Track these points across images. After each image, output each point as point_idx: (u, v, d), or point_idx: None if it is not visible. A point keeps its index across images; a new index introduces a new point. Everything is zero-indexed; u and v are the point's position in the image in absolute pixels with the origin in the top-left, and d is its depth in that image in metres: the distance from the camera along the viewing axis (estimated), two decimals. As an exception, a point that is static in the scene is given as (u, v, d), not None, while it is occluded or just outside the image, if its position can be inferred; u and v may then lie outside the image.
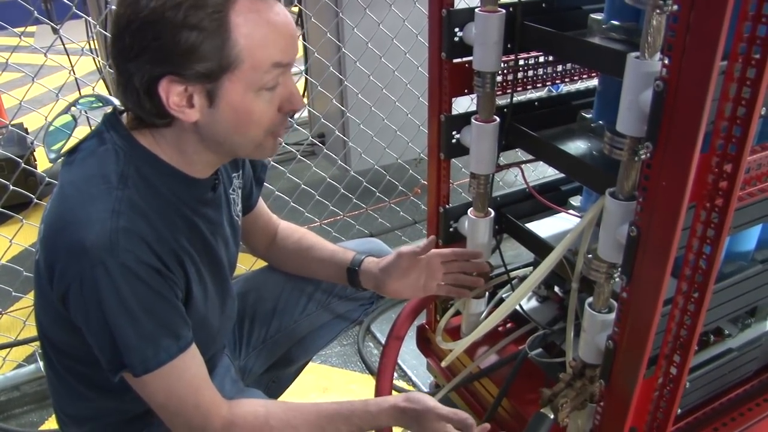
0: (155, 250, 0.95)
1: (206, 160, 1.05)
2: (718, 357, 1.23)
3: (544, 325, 1.39)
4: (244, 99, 0.96)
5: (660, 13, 0.80)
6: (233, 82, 0.94)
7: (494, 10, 1.14)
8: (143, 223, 0.95)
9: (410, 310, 1.44)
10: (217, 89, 0.94)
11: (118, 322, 0.94)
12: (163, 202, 1.00)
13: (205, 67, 0.92)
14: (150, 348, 0.96)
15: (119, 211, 0.94)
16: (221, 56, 0.92)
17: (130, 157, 0.99)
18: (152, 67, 0.92)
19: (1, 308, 2.04)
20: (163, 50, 0.90)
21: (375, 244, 1.55)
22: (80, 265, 0.92)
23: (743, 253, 1.21)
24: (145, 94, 0.94)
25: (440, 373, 1.54)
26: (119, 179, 0.96)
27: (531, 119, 1.27)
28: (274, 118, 1.01)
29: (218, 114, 0.96)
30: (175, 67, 0.91)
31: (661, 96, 0.80)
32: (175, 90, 0.93)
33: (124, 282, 0.92)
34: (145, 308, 0.95)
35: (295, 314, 1.45)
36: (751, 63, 0.76)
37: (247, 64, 0.93)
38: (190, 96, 0.94)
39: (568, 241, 1.11)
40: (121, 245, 0.92)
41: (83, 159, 1.01)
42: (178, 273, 1.01)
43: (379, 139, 2.61)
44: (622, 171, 0.93)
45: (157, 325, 0.97)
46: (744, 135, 0.80)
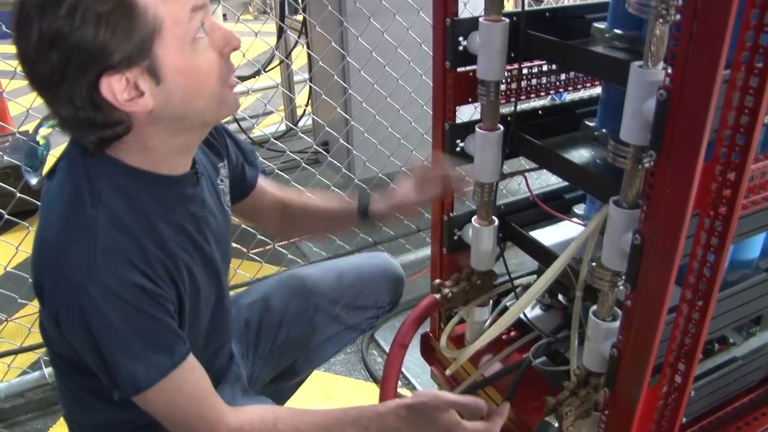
0: (138, 265, 0.94)
1: (177, 148, 1.01)
2: (722, 365, 1.23)
3: (548, 334, 1.39)
4: (184, 57, 0.92)
5: (663, 22, 0.80)
6: (166, 48, 0.90)
7: (498, 19, 1.14)
8: (123, 238, 0.94)
9: (414, 318, 1.44)
10: (155, 62, 0.90)
11: (107, 345, 0.94)
12: (143, 211, 0.98)
13: (131, 46, 0.87)
14: (140, 368, 0.96)
15: (95, 231, 0.92)
16: (139, 27, 0.87)
17: (100, 171, 0.96)
18: (84, 75, 0.87)
19: (7, 315, 2.04)
20: (82, 55, 0.86)
21: (382, 259, 1.56)
22: (63, 291, 0.92)
23: (747, 261, 1.21)
24: (92, 107, 0.90)
25: (444, 381, 1.54)
26: (92, 197, 0.94)
27: (535, 127, 1.27)
28: (220, 64, 0.97)
29: (169, 86, 0.92)
30: (104, 62, 0.87)
31: (664, 105, 0.80)
32: (118, 85, 0.88)
33: (107, 305, 0.91)
34: (131, 329, 0.94)
35: (302, 325, 1.44)
36: (754, 72, 0.76)
37: (168, 22, 0.89)
38: (135, 84, 0.90)
39: (572, 250, 1.11)
40: (100, 267, 0.90)
41: (57, 181, 0.99)
42: (167, 284, 0.99)
43: (383, 148, 2.62)
44: (626, 179, 0.94)
45: (145, 344, 0.96)
46: (747, 143, 0.80)
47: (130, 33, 0.86)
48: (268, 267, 2.46)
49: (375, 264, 1.52)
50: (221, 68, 0.97)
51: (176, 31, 0.90)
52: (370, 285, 1.50)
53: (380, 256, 1.57)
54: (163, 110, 0.94)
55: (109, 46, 0.86)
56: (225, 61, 0.98)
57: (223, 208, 1.19)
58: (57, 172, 1.00)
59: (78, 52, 0.85)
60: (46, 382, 2.00)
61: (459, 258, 1.46)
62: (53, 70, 0.87)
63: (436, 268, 1.50)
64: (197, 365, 1.03)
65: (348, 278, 1.49)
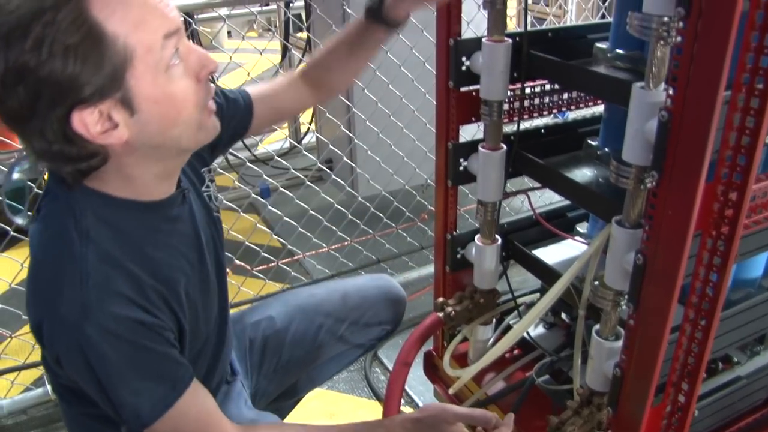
0: (133, 299, 0.92)
1: (159, 174, 0.99)
2: (727, 385, 1.23)
3: (551, 352, 1.39)
4: (158, 86, 0.88)
5: (664, 44, 0.81)
6: (139, 77, 0.86)
7: (501, 39, 1.15)
8: (116, 273, 0.92)
9: (417, 336, 1.44)
10: (128, 92, 0.86)
11: (109, 383, 0.93)
12: (133, 241, 0.96)
13: (101, 78, 0.83)
14: (144, 403, 0.95)
15: (86, 270, 0.90)
16: (109, 58, 0.83)
17: (84, 206, 0.93)
18: (54, 110, 0.84)
19: (10, 331, 2.04)
20: (51, 89, 0.82)
21: (385, 280, 1.56)
22: (61, 333, 0.91)
23: (751, 280, 1.21)
24: (65, 141, 0.86)
25: (447, 400, 1.53)
26: (80, 235, 0.91)
27: (537, 146, 1.28)
28: (197, 90, 0.93)
29: (144, 116, 0.88)
30: (74, 96, 0.83)
31: (666, 126, 0.81)
32: (90, 118, 0.85)
33: (106, 344, 0.90)
34: (132, 365, 0.93)
35: (307, 344, 1.44)
36: (755, 93, 0.77)
37: (140, 51, 0.85)
38: (108, 116, 0.87)
39: (575, 270, 1.11)
40: (95, 307, 0.89)
41: (43, 219, 0.97)
42: (165, 313, 0.98)
43: (387, 166, 2.63)
44: (628, 199, 0.94)
45: (148, 378, 0.95)
46: (749, 163, 0.80)
47: (100, 64, 0.83)
48: (272, 284, 2.46)
49: (378, 285, 1.53)
50: (198, 94, 0.93)
51: (149, 60, 0.86)
52: (374, 305, 1.50)
53: (383, 278, 1.58)
54: (139, 140, 0.91)
55: (79, 79, 0.82)
56: (202, 85, 0.94)
57: (212, 216, 1.17)
58: (41, 209, 0.98)
59: (47, 87, 0.82)
60: (49, 399, 1.99)
61: (462, 276, 1.47)
62: (21, 105, 0.84)
63: (440, 286, 1.50)
64: (200, 388, 1.03)
65: (352, 298, 1.49)
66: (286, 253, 2.62)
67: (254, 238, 2.43)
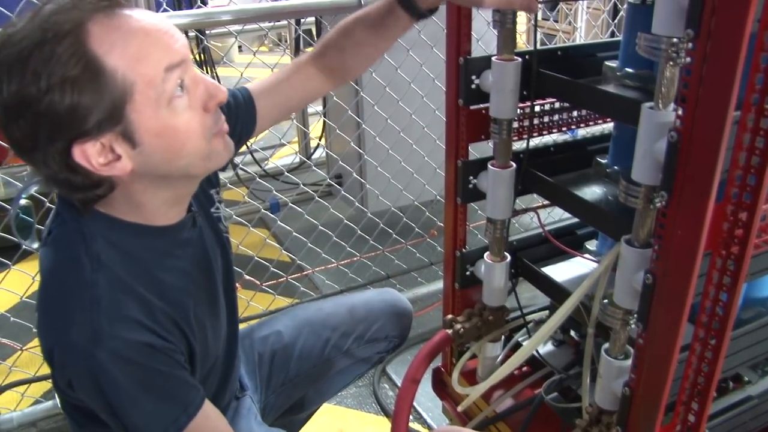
0: (144, 323, 0.93)
1: (168, 200, 0.99)
2: (737, 404, 1.22)
3: (560, 370, 1.39)
4: (159, 120, 0.87)
5: (673, 65, 0.82)
6: (139, 111, 0.86)
7: (510, 58, 1.16)
8: (127, 298, 0.92)
9: (426, 353, 1.43)
10: (129, 126, 0.86)
11: (121, 407, 0.93)
12: (143, 265, 0.96)
13: (101, 113, 0.83)
14: (158, 426, 0.95)
15: (98, 296, 0.90)
16: (109, 92, 0.83)
17: (94, 231, 0.94)
18: (54, 144, 0.84)
19: (21, 344, 2.05)
20: (50, 123, 0.82)
21: (391, 294, 1.57)
22: (73, 360, 0.91)
23: (761, 299, 1.20)
24: (69, 172, 0.87)
25: (456, 417, 1.53)
26: (91, 260, 0.92)
27: (547, 164, 1.28)
28: (203, 121, 0.92)
29: (146, 149, 0.88)
30: (74, 130, 0.83)
31: (675, 146, 0.81)
32: (92, 151, 0.85)
33: (117, 369, 0.90)
34: (144, 389, 0.93)
35: (314, 358, 1.45)
36: (765, 114, 0.77)
37: (140, 85, 0.84)
38: (111, 148, 0.87)
39: (584, 288, 1.11)
40: (106, 332, 0.89)
41: (53, 244, 0.97)
42: (176, 336, 0.98)
43: (396, 181, 2.63)
44: (638, 219, 0.94)
45: (159, 401, 0.95)
46: (758, 183, 0.80)
47: (99, 98, 0.83)
48: (281, 299, 2.47)
49: (385, 299, 1.54)
50: (204, 124, 0.93)
51: (149, 94, 0.86)
52: (381, 319, 1.51)
53: (390, 292, 1.59)
54: (145, 170, 0.91)
55: (77, 112, 0.82)
56: (210, 115, 0.94)
57: (221, 237, 1.18)
58: (51, 234, 0.98)
59: (46, 119, 0.82)
60: (59, 412, 2.00)
61: (471, 293, 1.47)
62: (24, 137, 0.85)
63: (449, 303, 1.50)
64: (211, 409, 1.03)
65: (359, 312, 1.50)
66: (295, 268, 2.63)
67: (264, 253, 2.44)
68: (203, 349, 1.08)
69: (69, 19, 0.82)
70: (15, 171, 3.06)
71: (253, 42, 6.11)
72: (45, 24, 0.82)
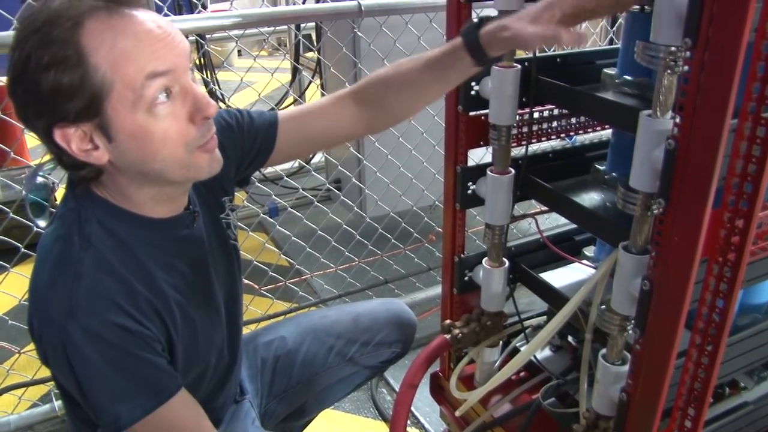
0: (123, 306, 0.94)
1: (155, 197, 1.00)
2: (733, 410, 1.23)
3: (557, 375, 1.39)
4: (135, 122, 0.89)
5: (671, 73, 0.82)
6: (116, 109, 0.87)
7: (510, 65, 1.17)
8: (109, 279, 0.93)
9: (424, 358, 1.44)
10: (106, 120, 0.88)
11: (89, 385, 0.94)
12: (132, 252, 0.98)
13: (79, 103, 0.86)
14: (123, 407, 0.95)
15: (80, 273, 0.92)
16: (87, 86, 0.85)
17: (91, 213, 0.96)
18: (39, 121, 0.89)
19: (19, 347, 2.05)
20: (35, 101, 0.87)
21: (397, 305, 1.57)
22: (48, 331, 0.92)
23: (757, 306, 1.21)
24: (55, 148, 0.91)
25: (453, 422, 1.53)
26: (81, 239, 0.94)
27: (545, 170, 1.29)
28: (186, 132, 0.93)
29: (121, 145, 0.90)
30: (53, 114, 0.87)
31: (673, 154, 0.82)
32: (71, 136, 0.89)
33: (88, 346, 0.91)
34: (114, 369, 0.94)
35: (317, 365, 1.45)
36: (761, 122, 0.78)
37: (119, 85, 0.86)
38: (90, 137, 0.90)
39: (582, 294, 1.12)
40: (82, 309, 0.90)
41: (54, 221, 1.00)
42: (155, 324, 0.99)
43: (395, 187, 2.64)
44: (635, 225, 0.95)
45: (128, 383, 0.95)
46: (755, 191, 0.81)
47: (80, 88, 0.85)
48: (279, 303, 2.47)
49: (389, 309, 1.54)
50: (185, 135, 0.93)
51: (127, 95, 0.87)
52: (384, 328, 1.51)
53: (394, 302, 1.59)
54: (121, 165, 0.93)
55: (58, 97, 0.86)
56: (196, 128, 0.94)
57: (227, 244, 1.19)
58: (56, 213, 1.01)
59: (32, 96, 0.87)
60: (56, 415, 2.00)
61: (469, 298, 1.47)
62: (19, 107, 0.90)
63: (447, 308, 1.51)
64: (189, 400, 1.03)
65: (364, 321, 1.50)
66: (294, 272, 2.63)
67: (262, 257, 2.44)
68: (190, 348, 1.08)
69: (72, 8, 0.86)
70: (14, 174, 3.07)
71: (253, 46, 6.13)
72: (52, 9, 0.86)
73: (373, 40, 2.37)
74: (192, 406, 1.04)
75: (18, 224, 1.91)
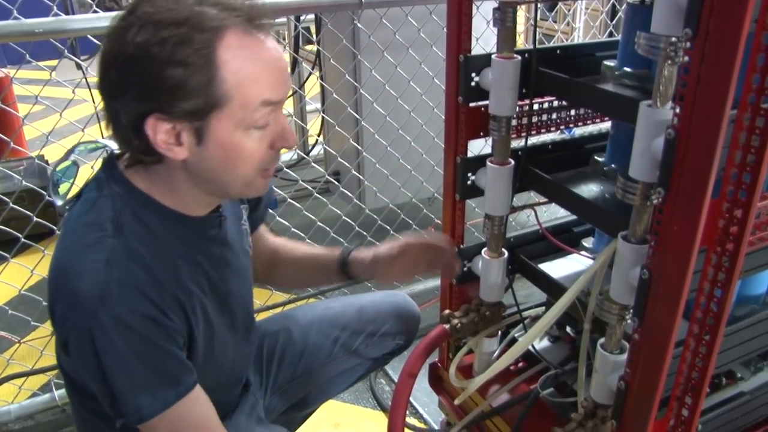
0: (151, 298, 0.95)
1: (199, 198, 1.04)
2: (730, 400, 1.24)
3: (556, 365, 1.40)
4: (232, 137, 0.94)
5: (671, 63, 0.83)
6: (221, 120, 0.92)
7: (510, 56, 1.17)
8: (139, 270, 0.95)
9: (423, 348, 1.45)
10: (205, 127, 0.92)
11: (113, 373, 0.94)
12: (163, 246, 1.00)
13: (192, 105, 0.90)
14: (145, 398, 0.96)
15: (113, 261, 0.93)
16: (208, 94, 0.90)
17: (126, 202, 0.98)
18: (138, 104, 0.91)
19: (19, 337, 2.06)
20: (148, 87, 0.89)
21: (401, 297, 1.58)
22: (75, 316, 0.93)
23: (755, 297, 1.22)
24: (133, 131, 0.93)
25: (452, 411, 1.54)
26: (115, 227, 0.96)
27: (545, 162, 1.29)
28: (264, 155, 0.99)
29: (206, 152, 0.95)
30: (161, 105, 0.90)
31: (672, 144, 0.82)
32: (163, 128, 0.91)
33: (116, 334, 0.92)
34: (139, 359, 0.95)
35: (321, 357, 1.46)
36: (760, 113, 0.79)
37: (235, 102, 0.91)
38: (178, 133, 0.93)
39: (581, 284, 1.12)
40: (114, 297, 0.91)
41: (83, 206, 1.00)
42: (179, 318, 1.00)
43: (394, 179, 2.64)
44: (635, 215, 0.95)
45: (152, 374, 0.97)
46: (754, 181, 0.82)
47: (198, 94, 0.89)
48: (279, 294, 2.48)
49: (394, 302, 1.55)
50: (263, 159, 0.99)
51: (238, 114, 0.92)
52: (389, 321, 1.52)
53: (399, 295, 1.60)
54: (194, 166, 0.97)
55: (174, 93, 0.89)
56: (272, 153, 1.00)
57: (246, 249, 1.22)
58: (82, 197, 1.02)
59: (147, 81, 0.89)
60: (56, 405, 2.01)
61: (468, 289, 1.48)
62: (117, 83, 0.91)
63: (446, 298, 1.52)
64: (202, 396, 1.04)
65: (368, 313, 1.51)
66: (292, 264, 2.63)
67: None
68: (208, 347, 1.09)
69: (217, 18, 0.90)
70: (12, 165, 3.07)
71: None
72: (197, 9, 0.89)
73: (373, 32, 2.37)
74: (206, 403, 1.05)
75: (17, 215, 1.91)
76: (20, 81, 2.17)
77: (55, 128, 1.97)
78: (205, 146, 0.94)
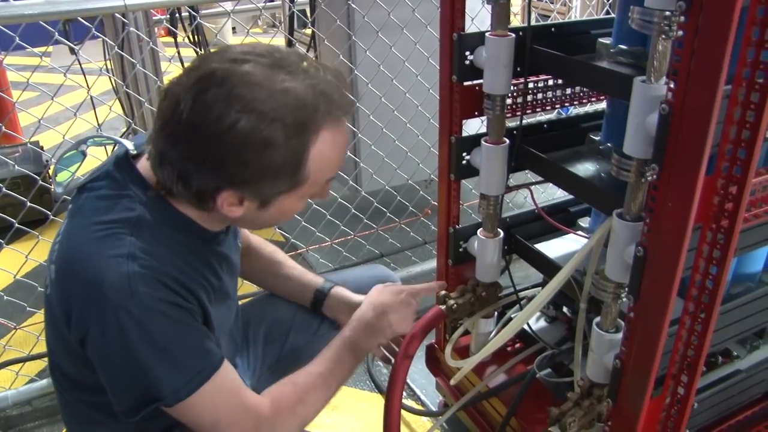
0: (172, 287, 0.96)
1: (219, 220, 1.07)
2: (726, 378, 1.24)
3: (552, 345, 1.40)
4: (292, 204, 1.01)
5: (665, 38, 0.82)
6: (290, 196, 0.98)
7: (504, 34, 1.16)
8: (157, 263, 0.96)
9: (419, 329, 1.45)
10: (273, 200, 0.98)
11: (147, 360, 0.94)
12: (177, 246, 1.01)
13: (272, 189, 0.96)
14: (182, 377, 0.97)
15: (134, 255, 0.94)
16: (292, 181, 0.95)
17: (146, 206, 0.99)
18: (218, 180, 0.93)
19: (16, 323, 2.05)
20: (237, 171, 0.92)
21: (381, 270, 1.58)
22: (100, 309, 0.93)
23: (751, 275, 1.22)
24: (198, 193, 0.95)
25: (449, 393, 1.55)
26: (134, 226, 0.96)
27: (540, 141, 1.29)
28: None
29: (264, 215, 1.01)
30: (243, 187, 0.94)
31: (666, 119, 0.81)
32: (232, 198, 0.96)
33: (148, 321, 0.93)
34: (173, 340, 0.96)
35: (308, 335, 1.46)
36: (755, 87, 0.78)
37: (309, 181, 0.97)
38: (242, 199, 0.97)
39: (575, 261, 1.12)
40: (141, 287, 0.92)
41: (95, 202, 1.00)
42: (195, 304, 1.02)
43: (390, 160, 2.63)
44: (629, 192, 0.95)
45: (186, 352, 0.98)
46: (749, 157, 0.81)
47: (283, 182, 0.95)
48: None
49: (375, 275, 1.55)
50: None
51: (306, 189, 0.99)
52: None
53: (379, 268, 1.61)
54: (241, 219, 1.02)
55: (262, 179, 0.93)
56: None
57: (237, 245, 1.24)
58: (92, 192, 1.01)
59: (233, 163, 0.90)
60: (53, 390, 2.00)
61: (464, 270, 1.48)
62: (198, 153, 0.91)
63: (442, 279, 1.51)
64: (228, 363, 1.06)
65: (350, 287, 1.50)
66: (289, 246, 2.63)
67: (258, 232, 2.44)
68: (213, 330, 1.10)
69: (318, 118, 0.93)
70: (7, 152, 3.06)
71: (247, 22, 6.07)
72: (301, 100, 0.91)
73: (368, 13, 2.35)
74: (232, 368, 1.06)
75: (12, 201, 1.90)
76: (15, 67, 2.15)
77: (50, 114, 1.95)
78: (267, 212, 1.00)
